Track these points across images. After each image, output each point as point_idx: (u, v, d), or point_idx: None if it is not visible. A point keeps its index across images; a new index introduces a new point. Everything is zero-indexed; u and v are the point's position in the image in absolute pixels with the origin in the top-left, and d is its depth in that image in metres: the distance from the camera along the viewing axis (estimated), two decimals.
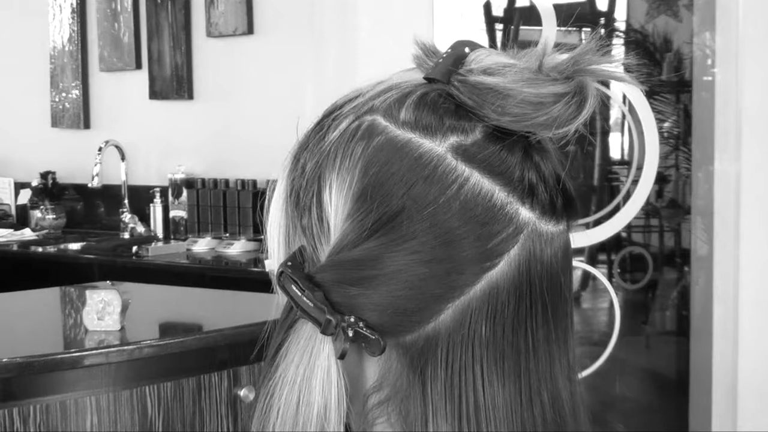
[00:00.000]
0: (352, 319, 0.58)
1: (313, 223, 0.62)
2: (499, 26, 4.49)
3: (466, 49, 0.60)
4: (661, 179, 3.42)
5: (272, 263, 0.65)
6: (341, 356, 0.58)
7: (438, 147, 0.58)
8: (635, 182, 2.72)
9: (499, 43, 4.52)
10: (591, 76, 0.58)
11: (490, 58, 0.59)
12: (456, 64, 0.60)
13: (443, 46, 0.62)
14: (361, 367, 0.61)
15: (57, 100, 4.19)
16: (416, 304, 0.58)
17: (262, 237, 0.68)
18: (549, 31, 2.58)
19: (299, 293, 0.59)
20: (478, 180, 0.58)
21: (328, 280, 0.59)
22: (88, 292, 1.91)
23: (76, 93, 4.12)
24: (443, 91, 0.60)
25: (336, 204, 0.60)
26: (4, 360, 1.67)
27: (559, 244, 0.60)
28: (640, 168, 2.70)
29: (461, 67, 0.59)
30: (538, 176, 0.59)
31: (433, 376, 0.58)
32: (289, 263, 0.60)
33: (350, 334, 0.58)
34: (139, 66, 3.91)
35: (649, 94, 2.81)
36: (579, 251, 3.16)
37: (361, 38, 2.47)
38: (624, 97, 2.77)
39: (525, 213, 0.59)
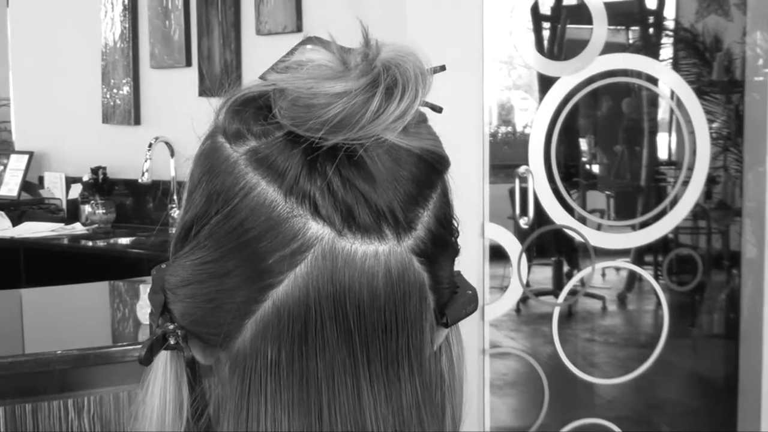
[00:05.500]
0: (171, 327, 0.56)
1: None
2: (546, 25, 4.47)
3: (308, 46, 0.56)
4: (710, 180, 3.38)
5: None
6: (142, 362, 0.57)
7: (234, 153, 0.54)
8: (685, 183, 2.70)
9: (546, 42, 4.50)
10: (381, 67, 0.52)
11: (301, 55, 0.55)
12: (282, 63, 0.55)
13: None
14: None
15: (108, 96, 4.24)
16: (215, 318, 0.54)
17: None
18: (599, 29, 2.56)
19: (151, 295, 0.59)
20: (264, 189, 0.52)
21: (167, 287, 0.58)
22: (142, 287, 1.93)
23: (126, 89, 4.17)
24: (263, 92, 0.55)
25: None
26: (59, 352, 1.70)
27: (374, 265, 0.52)
28: (690, 169, 2.68)
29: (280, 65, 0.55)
30: (327, 188, 0.51)
31: (227, 399, 0.54)
32: (163, 265, 0.59)
33: (172, 341, 0.56)
34: (189, 63, 3.95)
35: (699, 94, 2.78)
36: (625, 252, 3.13)
37: (409, 36, 2.48)
38: (672, 94, 2.74)
39: (316, 228, 0.52)
